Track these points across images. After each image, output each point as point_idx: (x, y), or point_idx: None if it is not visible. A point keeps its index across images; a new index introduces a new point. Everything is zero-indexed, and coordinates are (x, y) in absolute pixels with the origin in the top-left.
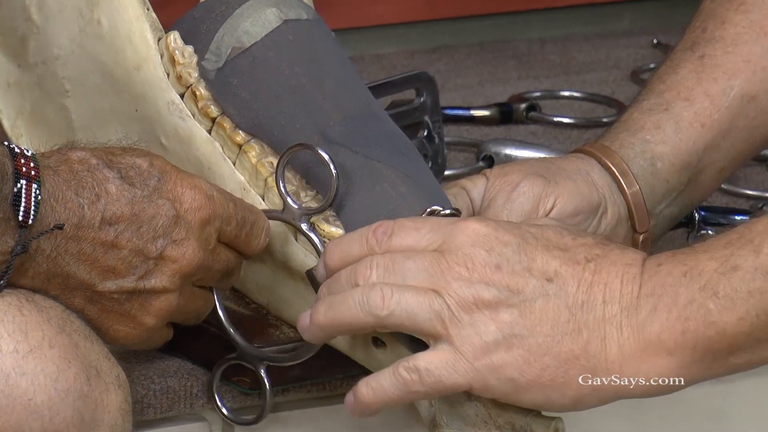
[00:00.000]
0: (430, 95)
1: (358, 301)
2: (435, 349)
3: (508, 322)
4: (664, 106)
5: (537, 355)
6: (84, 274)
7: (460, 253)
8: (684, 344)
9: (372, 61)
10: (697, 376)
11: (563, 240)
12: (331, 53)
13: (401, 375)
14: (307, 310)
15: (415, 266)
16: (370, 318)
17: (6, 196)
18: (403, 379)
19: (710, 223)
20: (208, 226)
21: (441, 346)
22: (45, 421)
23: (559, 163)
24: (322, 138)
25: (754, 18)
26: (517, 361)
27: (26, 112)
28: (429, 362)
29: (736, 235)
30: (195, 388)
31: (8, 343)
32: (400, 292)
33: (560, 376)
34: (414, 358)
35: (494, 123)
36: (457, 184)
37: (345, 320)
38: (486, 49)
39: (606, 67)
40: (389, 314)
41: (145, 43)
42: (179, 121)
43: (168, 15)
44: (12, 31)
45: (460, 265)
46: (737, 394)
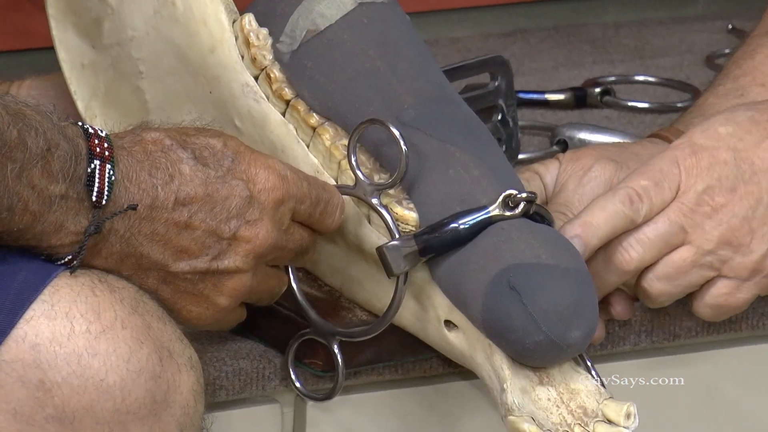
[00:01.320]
0: (505, 79)
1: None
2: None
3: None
4: (740, 91)
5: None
6: (157, 254)
7: (695, 194)
8: None
9: (447, 44)
10: None
11: (761, 126)
12: (406, 36)
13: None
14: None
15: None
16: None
17: (80, 176)
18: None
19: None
20: (282, 206)
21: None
22: (117, 401)
23: (632, 148)
24: (397, 121)
25: None
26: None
27: (100, 93)
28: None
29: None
30: (267, 370)
31: (81, 324)
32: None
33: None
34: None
35: (568, 107)
36: (530, 168)
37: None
38: (561, 33)
39: (680, 52)
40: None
41: (219, 26)
42: (253, 104)
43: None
44: (86, 12)
45: (701, 205)
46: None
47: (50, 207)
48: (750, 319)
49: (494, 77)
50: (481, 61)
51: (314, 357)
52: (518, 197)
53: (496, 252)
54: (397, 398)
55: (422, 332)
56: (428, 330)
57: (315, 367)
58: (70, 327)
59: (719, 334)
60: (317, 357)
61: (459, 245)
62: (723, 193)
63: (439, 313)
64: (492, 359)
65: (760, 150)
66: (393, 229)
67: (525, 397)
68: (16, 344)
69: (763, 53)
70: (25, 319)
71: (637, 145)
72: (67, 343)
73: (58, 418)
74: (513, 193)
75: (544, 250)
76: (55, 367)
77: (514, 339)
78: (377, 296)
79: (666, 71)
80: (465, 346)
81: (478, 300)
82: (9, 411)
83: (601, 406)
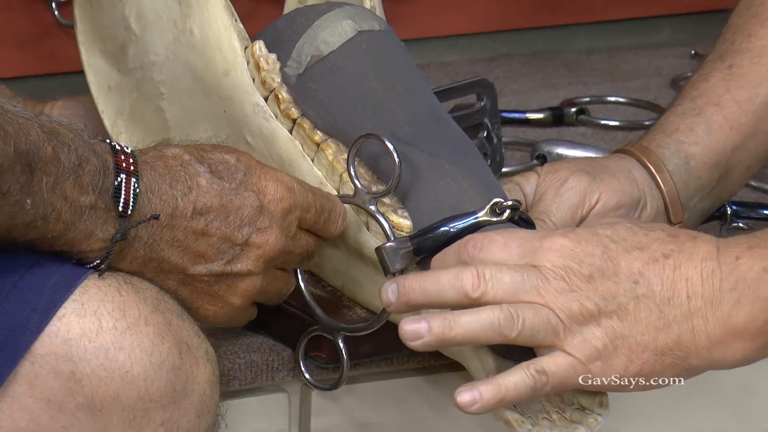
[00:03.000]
0: (490, 99)
1: (486, 320)
2: (552, 355)
3: (610, 327)
4: (697, 110)
5: (638, 352)
6: (177, 258)
7: (554, 267)
8: (766, 331)
9: (437, 68)
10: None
11: (637, 238)
12: (401, 61)
13: (533, 375)
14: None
15: (511, 279)
16: (499, 338)
17: (108, 188)
18: (534, 379)
19: (741, 216)
20: (290, 214)
21: (556, 353)
22: (141, 390)
23: (603, 161)
24: (392, 137)
25: None
26: (622, 359)
27: (125, 113)
28: (554, 366)
29: None
30: (276, 362)
31: (108, 321)
32: (521, 309)
33: (658, 367)
34: (539, 362)
35: (547, 125)
36: (512, 179)
37: (474, 339)
38: (539, 59)
39: (648, 75)
40: (518, 334)
41: (233, 51)
42: (263, 122)
43: (253, 26)
44: (113, 40)
45: (557, 279)
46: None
47: (81, 216)
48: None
49: (480, 98)
50: (468, 83)
51: (319, 351)
52: (505, 204)
53: None
54: (393, 387)
55: None
56: None
57: (319, 360)
58: (99, 324)
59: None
60: (321, 351)
61: None
62: (581, 277)
63: None
64: (478, 352)
65: (630, 257)
66: (389, 233)
67: None
68: (50, 339)
69: (716, 76)
70: (57, 317)
71: (608, 159)
72: (95, 338)
73: (88, 405)
74: (500, 201)
75: None
76: (84, 360)
77: None
78: (375, 295)
79: (635, 92)
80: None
81: None
82: (43, 399)
83: (576, 395)
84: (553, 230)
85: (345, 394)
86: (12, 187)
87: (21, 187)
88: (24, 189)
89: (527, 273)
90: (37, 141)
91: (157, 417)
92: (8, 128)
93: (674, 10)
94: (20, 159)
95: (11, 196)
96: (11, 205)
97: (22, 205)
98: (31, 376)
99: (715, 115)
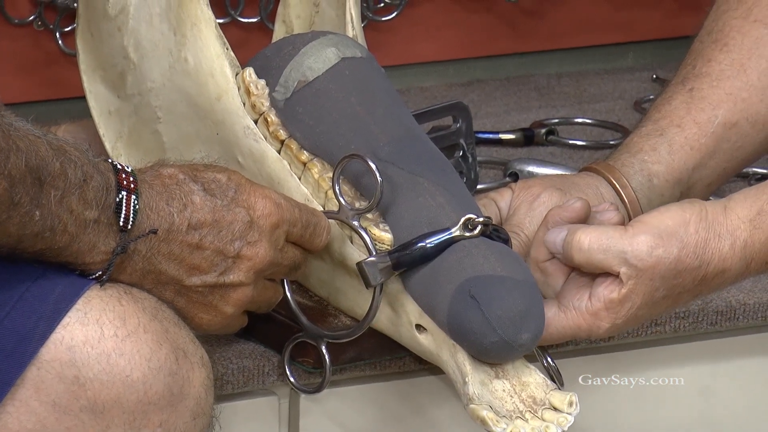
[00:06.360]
0: (465, 121)
1: None
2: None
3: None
4: (660, 132)
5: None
6: (173, 271)
7: None
8: None
9: (416, 92)
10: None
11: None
12: (382, 86)
13: None
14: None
15: None
16: None
17: (110, 204)
18: None
19: None
20: (278, 229)
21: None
22: (140, 394)
23: (572, 178)
24: (374, 156)
25: (735, 57)
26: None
27: (125, 136)
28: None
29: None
30: (267, 368)
31: (109, 329)
32: None
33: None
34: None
35: (519, 145)
36: (487, 195)
37: None
38: (511, 83)
39: (613, 98)
40: None
41: (224, 78)
42: (253, 143)
43: (244, 53)
44: (113, 67)
45: None
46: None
47: (85, 229)
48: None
49: (456, 120)
50: (444, 106)
51: (306, 356)
52: (476, 221)
53: (458, 266)
54: (376, 391)
55: (396, 334)
56: (401, 332)
57: (306, 365)
58: (101, 331)
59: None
60: (308, 356)
61: (427, 261)
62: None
63: (410, 318)
64: (456, 357)
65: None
66: (371, 248)
67: (483, 388)
68: (55, 346)
69: (678, 99)
70: (62, 325)
71: (577, 176)
72: (98, 345)
73: (90, 408)
74: (472, 217)
75: (499, 264)
76: (88, 365)
77: (473, 340)
78: (358, 304)
79: (601, 114)
80: (433, 346)
81: (443, 307)
82: (49, 403)
83: (547, 396)
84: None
85: (331, 397)
86: (23, 198)
87: (31, 199)
88: (34, 201)
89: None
90: (46, 156)
91: (156, 419)
92: (20, 144)
93: (637, 37)
94: (31, 173)
95: (22, 207)
96: (22, 216)
97: (31, 216)
98: (37, 380)
99: (676, 135)
